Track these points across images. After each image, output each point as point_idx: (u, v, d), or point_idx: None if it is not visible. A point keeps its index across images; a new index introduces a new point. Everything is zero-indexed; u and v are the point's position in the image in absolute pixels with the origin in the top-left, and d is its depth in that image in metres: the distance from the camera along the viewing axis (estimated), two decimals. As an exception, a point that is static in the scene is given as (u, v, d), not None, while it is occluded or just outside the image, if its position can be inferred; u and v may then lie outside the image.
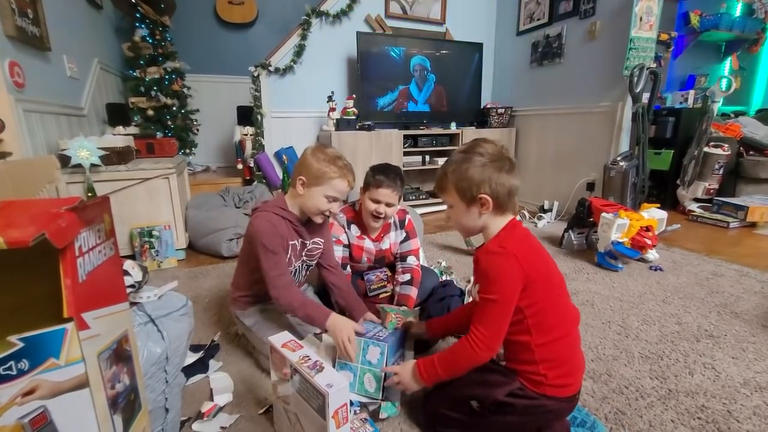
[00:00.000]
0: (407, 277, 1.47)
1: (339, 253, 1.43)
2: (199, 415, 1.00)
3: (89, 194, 1.92)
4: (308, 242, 1.26)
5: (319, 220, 1.22)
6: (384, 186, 1.35)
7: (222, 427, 0.97)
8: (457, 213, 0.92)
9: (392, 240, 1.53)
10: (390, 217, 1.46)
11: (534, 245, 0.90)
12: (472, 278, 1.80)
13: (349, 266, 1.50)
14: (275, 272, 1.12)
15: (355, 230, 1.47)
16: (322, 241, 1.32)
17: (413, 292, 1.44)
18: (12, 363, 0.45)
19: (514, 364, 0.88)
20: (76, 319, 0.47)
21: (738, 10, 3.97)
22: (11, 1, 1.70)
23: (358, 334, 1.05)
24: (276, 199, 1.25)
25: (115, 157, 2.05)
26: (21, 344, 0.45)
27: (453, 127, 3.37)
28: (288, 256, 1.20)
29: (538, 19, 3.24)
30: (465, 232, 0.97)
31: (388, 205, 1.39)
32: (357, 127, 3.04)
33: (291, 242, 1.20)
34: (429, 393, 0.99)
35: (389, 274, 1.56)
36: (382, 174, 1.37)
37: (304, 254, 1.26)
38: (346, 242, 1.47)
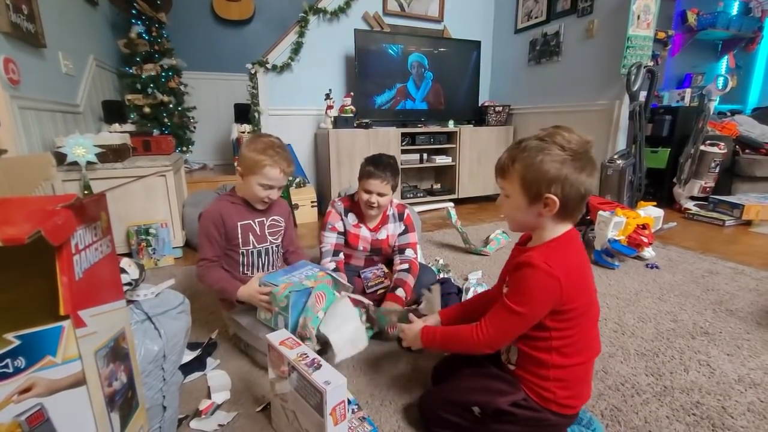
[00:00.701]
0: (405, 266, 1.50)
1: (332, 240, 1.49)
2: (197, 413, 1.00)
3: (85, 192, 1.91)
4: (267, 220, 1.33)
5: (260, 206, 1.29)
6: (374, 177, 1.40)
7: (220, 425, 0.97)
8: (512, 205, 0.83)
9: (390, 231, 1.55)
10: (384, 207, 1.50)
11: (583, 268, 0.82)
12: (471, 276, 1.80)
13: (342, 253, 1.53)
14: (201, 255, 1.25)
15: (352, 218, 1.52)
16: (282, 219, 1.38)
17: (410, 279, 1.46)
18: (8, 360, 0.45)
19: (524, 374, 0.84)
20: (72, 316, 0.47)
21: (735, 9, 3.99)
22: (5, -4, 1.69)
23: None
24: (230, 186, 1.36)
25: (111, 154, 2.04)
26: (17, 342, 0.45)
27: (451, 125, 3.37)
28: (241, 238, 1.27)
29: (536, 17, 3.24)
30: (516, 226, 0.88)
31: (380, 195, 1.42)
32: (355, 125, 3.04)
33: (242, 222, 1.27)
34: (427, 392, 0.99)
35: (386, 270, 1.57)
36: (372, 165, 1.41)
37: (267, 233, 1.33)
38: (341, 229, 1.51)
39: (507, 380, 0.86)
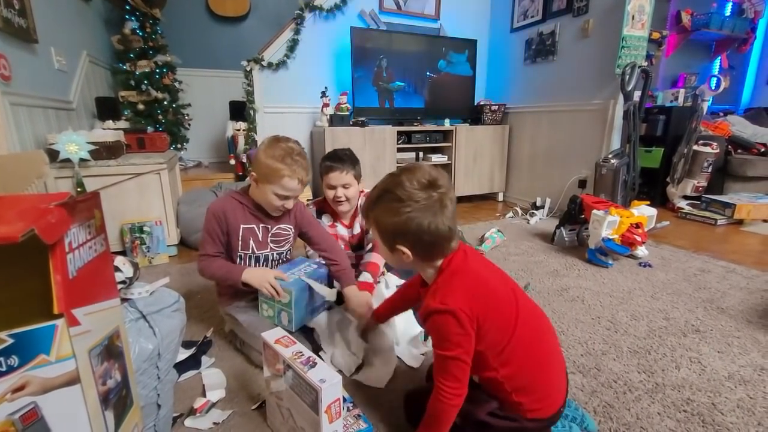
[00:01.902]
0: (369, 246, 1.49)
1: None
2: (192, 411, 1.00)
3: (78, 189, 1.90)
4: (272, 228, 1.27)
5: (275, 213, 1.24)
6: (332, 170, 1.41)
7: (215, 423, 0.97)
8: (383, 251, 0.86)
9: (361, 223, 1.54)
10: (353, 198, 1.49)
11: (480, 282, 0.81)
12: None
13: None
14: (202, 250, 1.21)
15: (327, 219, 1.53)
16: (290, 227, 1.32)
17: (374, 256, 1.43)
18: (2, 359, 0.44)
19: (489, 393, 0.84)
20: (66, 315, 0.47)
21: (728, 10, 4.02)
22: (-4, -9, 1.67)
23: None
24: (244, 184, 1.30)
25: (104, 151, 2.02)
26: (11, 340, 0.45)
27: (447, 124, 3.37)
28: (241, 241, 1.23)
29: (532, 16, 3.25)
30: (396, 267, 0.93)
31: (345, 187, 1.42)
32: (350, 123, 3.03)
33: (245, 226, 1.22)
34: (414, 390, 1.00)
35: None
36: (328, 160, 1.43)
37: (270, 241, 1.27)
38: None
39: (482, 391, 0.85)
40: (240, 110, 3.02)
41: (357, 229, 1.53)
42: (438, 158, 3.38)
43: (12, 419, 0.46)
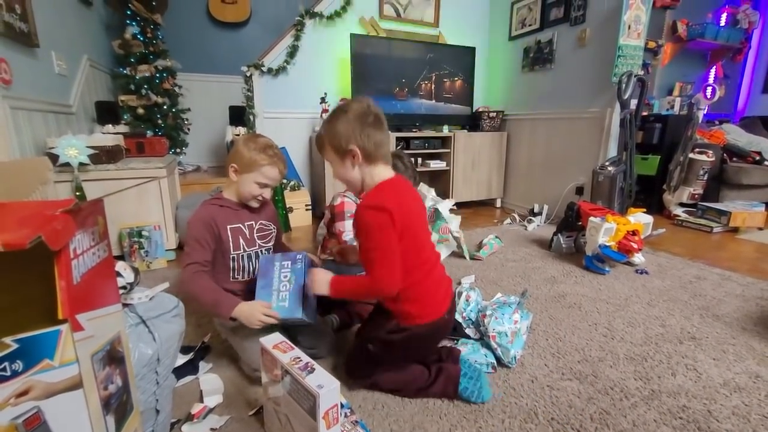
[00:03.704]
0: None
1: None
2: (189, 417, 1.00)
3: (77, 193, 1.90)
4: (256, 223, 1.30)
5: (254, 204, 1.28)
6: None
7: (212, 429, 0.97)
8: (336, 167, 1.05)
9: None
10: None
11: (404, 195, 1.03)
12: (464, 280, 1.82)
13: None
14: (186, 260, 1.17)
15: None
16: (271, 224, 1.36)
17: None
18: (6, 364, 0.45)
19: (388, 305, 1.05)
20: (70, 320, 0.47)
21: (723, 20, 4.08)
22: (-1, -4, 1.68)
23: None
24: (213, 192, 1.33)
25: (104, 155, 2.02)
26: (15, 345, 0.45)
27: (445, 130, 3.40)
28: (232, 242, 1.24)
29: (530, 25, 3.29)
30: (349, 186, 1.08)
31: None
32: (350, 128, 3.05)
33: (231, 225, 1.25)
34: (348, 352, 1.19)
35: None
36: None
37: (256, 237, 1.30)
38: None
39: (384, 316, 1.07)
40: (239, 115, 3.04)
41: None
42: (436, 164, 3.40)
43: (15, 423, 0.46)
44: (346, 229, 1.56)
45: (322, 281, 1.07)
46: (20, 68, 1.87)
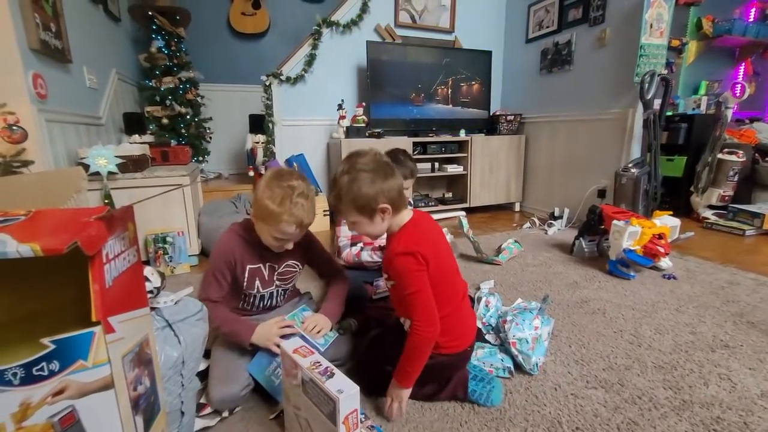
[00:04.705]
0: None
1: (349, 233, 1.61)
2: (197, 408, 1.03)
3: (106, 201, 1.98)
4: (279, 267, 1.21)
5: (277, 250, 1.15)
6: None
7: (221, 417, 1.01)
8: (362, 227, 1.03)
9: None
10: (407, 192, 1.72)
11: (428, 231, 1.05)
12: (483, 285, 1.80)
13: (360, 243, 1.63)
14: (204, 293, 1.12)
15: None
16: (297, 264, 1.26)
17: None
18: (44, 364, 0.47)
19: None
20: (103, 322, 0.49)
21: (752, 16, 3.93)
22: (35, 15, 1.78)
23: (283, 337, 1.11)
24: (245, 223, 1.19)
25: (131, 164, 2.10)
26: (52, 346, 0.47)
27: (462, 134, 3.38)
28: (247, 280, 1.16)
29: (547, 27, 3.25)
30: (373, 237, 1.09)
31: (405, 188, 1.57)
32: (366, 134, 3.07)
33: (252, 266, 1.15)
34: (359, 359, 1.20)
35: None
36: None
37: (276, 279, 1.22)
38: None
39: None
40: (259, 123, 3.11)
41: None
42: (454, 168, 3.38)
43: (52, 422, 0.48)
44: (341, 234, 1.60)
45: (395, 392, 1.02)
46: (55, 83, 1.97)
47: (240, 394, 1.06)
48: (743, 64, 4.06)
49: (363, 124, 3.07)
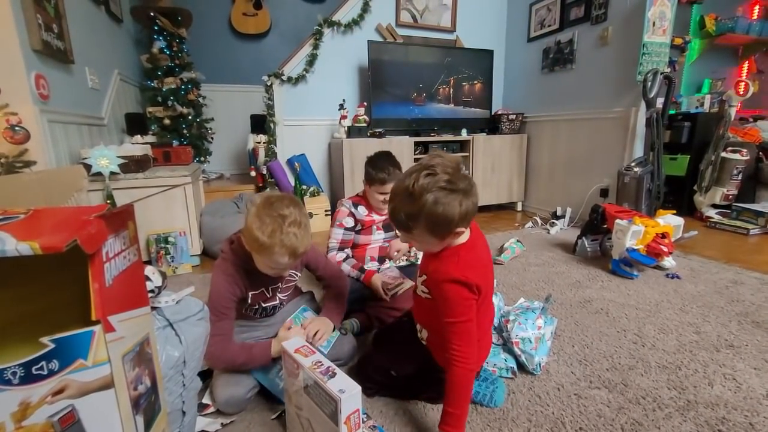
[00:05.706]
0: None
1: (339, 236, 1.59)
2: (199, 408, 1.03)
3: (108, 201, 1.98)
4: (282, 284, 1.21)
5: (275, 276, 1.13)
6: (388, 182, 1.52)
7: (222, 424, 1.00)
8: (425, 245, 0.94)
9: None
10: None
11: (481, 257, 0.97)
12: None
13: (347, 249, 1.62)
14: (213, 329, 1.02)
15: (362, 210, 1.64)
16: (296, 273, 1.26)
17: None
18: (43, 363, 0.47)
19: (431, 346, 1.03)
20: (103, 321, 0.49)
21: (755, 13, 3.91)
22: (38, 16, 1.78)
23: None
24: (241, 241, 1.10)
25: (133, 165, 2.11)
26: (52, 345, 0.47)
27: (464, 134, 3.37)
28: (250, 301, 1.15)
29: (549, 26, 3.24)
30: (428, 252, 0.98)
31: None
32: (368, 134, 3.07)
33: (253, 292, 1.15)
34: (364, 356, 1.22)
35: (397, 270, 1.61)
36: (383, 172, 1.53)
37: (278, 295, 1.22)
38: (350, 225, 1.61)
39: (418, 350, 1.05)
40: (261, 123, 3.11)
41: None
42: (455, 168, 3.37)
43: (51, 421, 0.48)
44: (332, 236, 1.59)
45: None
46: (57, 84, 1.97)
47: (246, 396, 1.06)
48: (747, 62, 4.03)
49: (364, 124, 3.06)
